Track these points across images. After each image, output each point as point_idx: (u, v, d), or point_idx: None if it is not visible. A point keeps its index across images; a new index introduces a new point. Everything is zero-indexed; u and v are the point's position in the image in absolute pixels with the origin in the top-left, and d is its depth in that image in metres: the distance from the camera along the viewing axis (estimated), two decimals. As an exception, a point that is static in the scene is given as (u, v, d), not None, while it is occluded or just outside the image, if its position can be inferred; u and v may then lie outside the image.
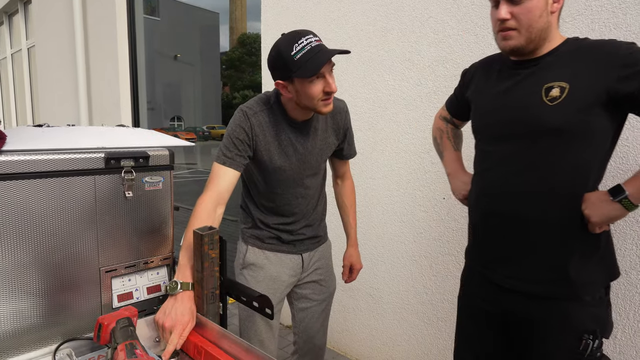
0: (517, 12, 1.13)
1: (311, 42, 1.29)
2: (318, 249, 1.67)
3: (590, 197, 1.13)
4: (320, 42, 1.31)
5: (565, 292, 1.17)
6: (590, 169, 1.15)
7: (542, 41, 1.17)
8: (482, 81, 1.36)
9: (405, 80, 2.19)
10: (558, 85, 1.13)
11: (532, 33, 1.14)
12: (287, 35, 1.31)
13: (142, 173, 1.27)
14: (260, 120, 1.43)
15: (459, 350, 1.46)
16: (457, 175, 1.49)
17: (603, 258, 1.19)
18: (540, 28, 1.14)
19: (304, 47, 1.28)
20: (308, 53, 1.27)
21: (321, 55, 1.28)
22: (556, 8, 1.16)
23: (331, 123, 1.55)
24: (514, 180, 1.20)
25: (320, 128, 1.52)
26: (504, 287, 1.25)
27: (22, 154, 1.06)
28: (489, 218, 1.28)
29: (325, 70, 1.31)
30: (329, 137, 1.56)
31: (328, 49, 1.30)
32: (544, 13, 1.13)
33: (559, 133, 1.12)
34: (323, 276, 1.69)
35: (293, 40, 1.28)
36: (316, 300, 1.68)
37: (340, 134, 1.59)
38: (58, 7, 5.18)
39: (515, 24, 1.15)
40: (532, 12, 1.12)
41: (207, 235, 1.18)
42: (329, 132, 1.55)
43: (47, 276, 1.12)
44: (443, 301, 2.17)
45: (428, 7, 2.07)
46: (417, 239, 2.24)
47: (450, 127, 1.58)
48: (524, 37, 1.15)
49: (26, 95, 7.41)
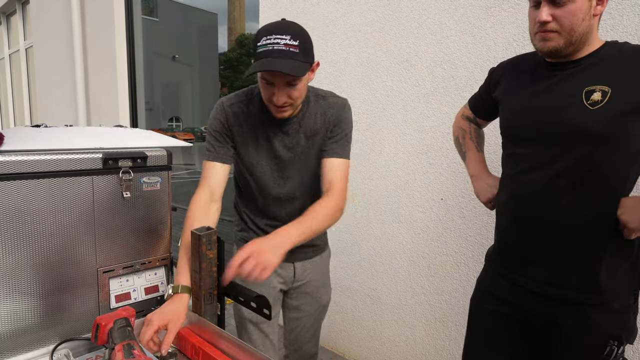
0: (559, 15, 1.09)
1: (276, 43, 1.18)
2: (314, 259, 1.56)
3: (627, 202, 1.11)
4: (286, 48, 1.18)
5: (594, 299, 1.15)
6: (627, 174, 1.12)
7: (582, 44, 1.13)
8: (512, 81, 1.31)
9: (404, 81, 2.20)
10: (600, 88, 1.09)
11: (573, 36, 1.10)
12: (271, 25, 1.23)
13: (139, 173, 1.27)
14: (236, 111, 1.38)
15: (474, 353, 1.42)
16: (481, 177, 1.46)
17: (635, 265, 1.17)
18: (582, 31, 1.10)
19: (267, 45, 1.18)
20: (264, 53, 1.19)
21: (265, 63, 1.18)
22: (599, 11, 1.11)
23: (322, 120, 1.40)
24: (549, 184, 1.16)
25: (309, 126, 1.39)
26: (531, 291, 1.23)
27: (19, 154, 1.06)
28: (519, 221, 1.25)
29: (274, 80, 1.22)
30: (318, 135, 1.41)
31: (280, 61, 1.17)
32: (587, 16, 1.09)
33: (597, 137, 1.09)
34: (316, 288, 1.59)
35: (268, 32, 1.20)
36: (307, 311, 1.60)
37: (329, 131, 1.41)
38: (56, 8, 5.17)
39: (556, 27, 1.10)
40: (576, 15, 1.08)
41: (205, 236, 1.18)
42: (320, 131, 1.40)
43: (44, 277, 1.12)
44: (441, 302, 2.17)
45: (426, 8, 2.08)
46: (415, 240, 2.24)
47: (474, 126, 1.55)
48: (564, 40, 1.11)
49: (24, 95, 7.39)
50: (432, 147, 2.12)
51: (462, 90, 1.99)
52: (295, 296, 1.58)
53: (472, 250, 2.03)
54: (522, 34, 1.78)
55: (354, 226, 2.49)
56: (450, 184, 2.07)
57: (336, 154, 1.39)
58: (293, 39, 1.19)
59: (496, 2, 1.85)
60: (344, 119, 1.42)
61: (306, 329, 1.62)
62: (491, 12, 1.87)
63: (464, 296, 2.08)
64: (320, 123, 1.40)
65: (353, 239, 2.51)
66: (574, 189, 1.13)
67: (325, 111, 1.40)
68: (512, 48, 1.81)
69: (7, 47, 8.17)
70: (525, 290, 1.24)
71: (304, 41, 1.22)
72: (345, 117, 1.42)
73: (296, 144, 1.40)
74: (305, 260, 1.55)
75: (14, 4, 7.22)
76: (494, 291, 1.34)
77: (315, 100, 1.41)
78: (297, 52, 1.19)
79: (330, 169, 1.38)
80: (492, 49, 1.88)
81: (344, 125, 1.42)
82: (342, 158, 1.40)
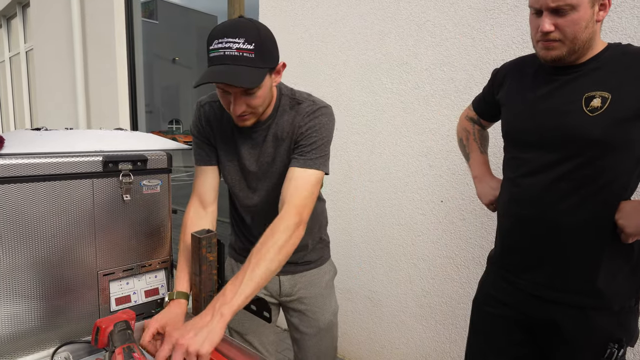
0: (561, 24, 1.07)
1: (228, 48, 1.05)
2: (304, 274, 1.44)
3: (625, 206, 1.10)
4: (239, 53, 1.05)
5: (594, 302, 1.15)
6: (628, 178, 1.12)
7: (585, 50, 1.12)
8: (515, 83, 1.30)
9: (403, 83, 2.20)
10: (600, 94, 1.08)
11: (576, 44, 1.09)
12: (224, 25, 1.09)
13: (140, 176, 1.27)
14: (207, 111, 1.32)
15: (476, 356, 1.42)
16: (484, 179, 1.45)
17: (635, 268, 1.17)
18: (585, 39, 1.09)
19: (218, 50, 1.07)
20: (215, 59, 1.07)
21: (215, 73, 1.06)
22: (602, 17, 1.10)
23: (290, 128, 1.26)
24: (550, 188, 1.16)
25: (277, 134, 1.27)
26: (531, 294, 1.23)
27: (19, 158, 1.06)
28: (520, 225, 1.25)
29: (229, 90, 1.11)
30: (285, 143, 1.27)
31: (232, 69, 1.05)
32: (590, 23, 1.07)
33: (598, 143, 1.08)
34: (310, 307, 1.46)
35: (220, 34, 1.07)
36: (306, 333, 1.48)
37: (296, 139, 1.25)
38: (56, 10, 5.18)
39: (559, 36, 1.09)
40: (578, 24, 1.06)
41: (205, 239, 1.18)
42: (286, 139, 1.26)
43: (44, 279, 1.12)
44: (441, 304, 2.17)
45: (425, 10, 2.08)
46: (416, 242, 2.24)
47: (477, 128, 1.54)
48: (567, 48, 1.10)
49: (24, 98, 7.41)
50: (432, 149, 2.12)
51: (462, 93, 1.99)
52: (291, 313, 1.49)
53: (473, 253, 2.03)
54: (521, 36, 1.78)
55: (354, 228, 2.49)
56: (450, 186, 2.08)
57: (299, 164, 1.21)
58: (247, 42, 1.06)
59: (495, 4, 1.85)
60: (315, 125, 1.23)
61: (311, 350, 1.50)
62: (490, 14, 1.87)
63: (464, 298, 2.08)
64: (288, 130, 1.26)
65: (353, 240, 2.51)
66: (575, 193, 1.13)
67: (294, 117, 1.26)
68: (512, 50, 1.82)
69: (7, 50, 8.18)
70: (526, 294, 1.24)
71: (261, 43, 1.08)
72: (316, 124, 1.24)
73: (262, 152, 1.28)
74: (295, 274, 1.44)
75: (14, 7, 7.24)
76: (495, 294, 1.34)
77: (290, 105, 1.28)
78: (251, 57, 1.06)
79: (289, 180, 1.20)
80: (491, 51, 1.89)
81: (313, 132, 1.23)
82: (305, 168, 1.20)
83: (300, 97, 1.29)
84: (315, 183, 1.21)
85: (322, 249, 1.50)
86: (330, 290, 1.52)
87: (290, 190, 1.17)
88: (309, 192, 1.19)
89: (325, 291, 1.49)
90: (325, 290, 1.49)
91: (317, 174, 1.21)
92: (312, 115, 1.24)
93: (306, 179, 1.19)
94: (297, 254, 1.38)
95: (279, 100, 1.27)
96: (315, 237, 1.46)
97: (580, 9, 1.06)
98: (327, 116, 1.26)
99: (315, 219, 1.42)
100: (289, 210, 1.14)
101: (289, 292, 1.45)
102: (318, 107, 1.26)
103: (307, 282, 1.45)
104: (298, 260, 1.42)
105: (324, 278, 1.49)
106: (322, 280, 1.48)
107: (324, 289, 1.49)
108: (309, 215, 1.18)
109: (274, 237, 1.08)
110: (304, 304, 1.46)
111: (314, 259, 1.46)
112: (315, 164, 1.21)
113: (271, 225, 1.12)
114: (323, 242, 1.50)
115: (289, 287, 1.44)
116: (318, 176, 1.21)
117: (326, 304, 1.49)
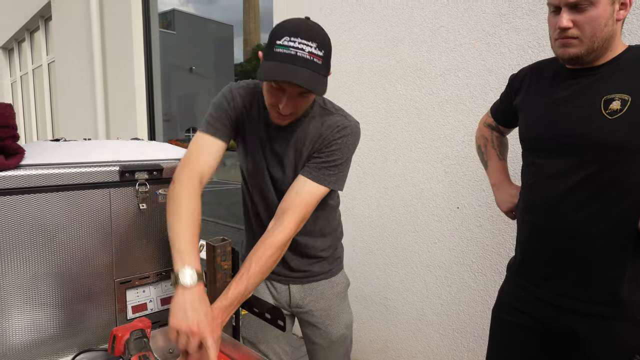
0: (580, 21, 1.05)
1: (301, 49, 1.04)
2: (314, 285, 1.41)
3: None
4: (310, 57, 1.05)
5: (617, 312, 1.12)
6: None
7: (604, 50, 1.09)
8: (532, 88, 1.27)
9: (417, 89, 2.19)
10: (619, 97, 1.05)
11: (594, 43, 1.06)
12: (296, 24, 1.09)
13: (155, 185, 1.29)
14: (242, 95, 1.26)
15: None
16: (502, 186, 1.43)
17: None
18: (604, 37, 1.06)
19: (289, 48, 1.05)
20: (284, 57, 1.05)
21: (286, 71, 1.04)
22: (623, 15, 1.07)
23: (313, 137, 1.24)
24: (568, 195, 1.13)
25: (300, 139, 1.25)
26: (551, 304, 1.20)
27: (39, 168, 1.09)
28: (538, 233, 1.22)
29: (287, 88, 1.09)
30: (304, 152, 1.26)
31: (303, 72, 1.04)
32: (610, 21, 1.05)
33: (618, 148, 1.05)
34: (322, 319, 1.43)
35: (292, 33, 1.06)
36: (318, 344, 1.46)
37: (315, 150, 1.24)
38: (77, 23, 5.32)
39: (577, 33, 1.06)
40: (597, 21, 1.04)
41: (220, 247, 1.19)
42: (306, 148, 1.25)
43: (63, 288, 1.14)
44: (459, 312, 2.13)
45: (439, 16, 2.07)
46: (432, 249, 2.21)
47: (496, 134, 1.52)
48: (586, 47, 1.07)
49: (46, 109, 7.60)
50: (448, 155, 2.10)
51: (477, 98, 1.97)
52: (303, 324, 1.47)
53: (490, 260, 2.00)
54: (536, 40, 1.76)
55: (369, 235, 2.48)
56: (467, 193, 2.05)
57: (311, 176, 1.20)
58: (319, 49, 1.06)
59: (510, 9, 1.84)
60: (341, 143, 1.22)
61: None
62: (505, 19, 1.85)
63: (482, 306, 2.04)
64: (310, 139, 1.24)
65: (368, 247, 2.49)
66: (594, 200, 1.10)
67: (321, 125, 1.24)
68: (527, 55, 1.79)
69: (30, 62, 8.43)
70: (546, 303, 1.21)
71: (328, 51, 1.11)
72: (342, 143, 1.23)
73: (286, 153, 1.27)
74: (305, 284, 1.41)
75: (37, 21, 7.46)
76: (514, 302, 1.31)
77: (320, 113, 1.27)
78: (320, 64, 1.07)
79: (296, 190, 1.19)
80: (506, 56, 1.87)
81: (337, 150, 1.22)
82: (317, 183, 1.20)
83: (332, 108, 1.29)
84: (319, 198, 1.22)
85: (334, 261, 1.46)
86: (342, 302, 1.48)
87: (297, 201, 1.18)
88: (312, 207, 1.21)
89: (337, 303, 1.46)
90: (336, 302, 1.46)
91: (325, 190, 1.22)
92: (341, 132, 1.23)
93: (313, 194, 1.20)
94: (306, 261, 1.39)
95: (312, 105, 1.26)
96: (328, 246, 1.43)
97: (600, 6, 1.03)
98: (354, 136, 1.26)
99: (328, 228, 1.42)
100: (290, 222, 1.16)
101: (299, 304, 1.43)
102: (349, 124, 1.25)
103: (317, 294, 1.42)
104: (308, 268, 1.40)
105: (335, 290, 1.45)
106: (333, 292, 1.45)
107: (336, 301, 1.45)
108: (302, 225, 1.21)
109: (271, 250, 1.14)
110: (314, 316, 1.43)
111: (325, 270, 1.43)
112: (327, 181, 1.22)
113: (264, 234, 1.16)
114: (336, 252, 1.47)
115: (299, 298, 1.42)
116: (325, 192, 1.23)
117: (338, 316, 1.46)
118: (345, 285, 1.51)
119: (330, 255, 1.44)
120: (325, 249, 1.42)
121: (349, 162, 1.28)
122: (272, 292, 1.43)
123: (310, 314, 1.43)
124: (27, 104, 9.04)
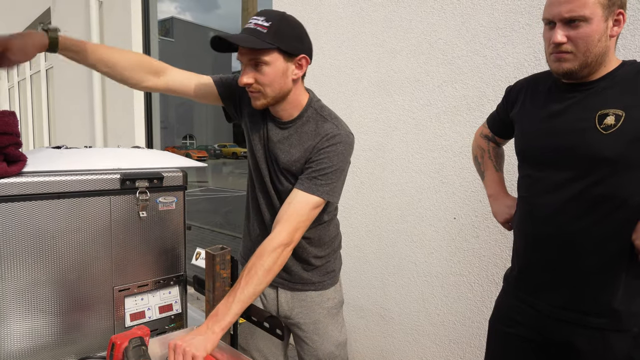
0: (574, 36, 1.08)
1: (249, 23, 1.16)
2: (302, 295, 1.39)
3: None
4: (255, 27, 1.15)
5: (613, 324, 1.13)
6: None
7: (598, 66, 1.11)
8: (528, 101, 1.29)
9: (415, 100, 2.21)
10: (613, 112, 1.07)
11: (588, 58, 1.09)
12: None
13: (156, 193, 1.30)
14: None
15: None
16: (499, 198, 1.45)
17: None
18: (597, 53, 1.08)
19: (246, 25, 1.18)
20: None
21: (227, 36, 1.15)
22: (616, 32, 1.10)
23: (305, 145, 1.27)
24: (563, 208, 1.15)
25: (303, 139, 1.28)
26: (547, 315, 1.21)
27: (41, 175, 1.10)
28: (534, 244, 1.24)
29: (241, 59, 1.19)
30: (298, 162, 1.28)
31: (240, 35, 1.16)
32: (603, 37, 1.07)
33: (612, 163, 1.07)
34: (309, 334, 1.40)
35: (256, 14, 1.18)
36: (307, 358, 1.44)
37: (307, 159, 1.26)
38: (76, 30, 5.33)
39: (571, 48, 1.09)
40: (591, 37, 1.06)
41: (219, 256, 1.19)
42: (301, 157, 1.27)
43: (62, 295, 1.14)
44: (455, 323, 2.14)
45: (437, 29, 2.10)
46: (428, 259, 2.22)
47: (492, 145, 1.54)
48: (580, 62, 1.09)
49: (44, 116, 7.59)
50: (445, 166, 2.12)
51: (474, 110, 2.00)
52: (294, 339, 1.45)
53: (487, 271, 2.01)
54: (533, 54, 1.79)
55: (366, 245, 2.49)
56: (463, 203, 2.07)
57: (303, 187, 1.22)
58: (266, 21, 1.15)
59: (507, 23, 1.87)
60: (330, 152, 1.23)
61: None
62: (502, 32, 1.89)
63: (478, 317, 2.05)
64: (303, 148, 1.27)
65: (365, 257, 2.50)
66: (589, 212, 1.11)
67: (314, 136, 1.26)
68: (524, 68, 1.82)
69: (28, 68, 8.42)
70: (542, 314, 1.22)
71: (280, 26, 1.16)
72: (332, 151, 1.23)
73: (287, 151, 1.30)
74: (293, 292, 1.40)
75: (36, 28, 7.48)
76: (510, 313, 1.32)
77: (315, 118, 1.29)
78: (263, 32, 1.14)
79: (289, 201, 1.23)
80: (503, 69, 1.89)
81: (326, 158, 1.23)
82: (309, 193, 1.22)
83: (328, 116, 1.30)
84: (313, 208, 1.23)
85: (327, 273, 1.43)
86: (333, 319, 1.43)
87: (289, 211, 1.21)
88: (306, 217, 1.22)
89: (327, 319, 1.41)
90: (326, 318, 1.41)
91: (318, 200, 1.23)
92: (330, 141, 1.24)
93: (305, 204, 1.22)
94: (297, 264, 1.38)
95: (307, 108, 1.30)
96: (322, 255, 1.41)
97: (593, 22, 1.06)
98: (345, 145, 1.26)
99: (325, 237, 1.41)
100: (281, 231, 1.18)
101: (287, 314, 1.41)
102: (338, 134, 1.25)
103: (305, 305, 1.40)
104: (297, 272, 1.38)
105: (325, 305, 1.41)
106: (323, 306, 1.41)
107: (326, 316, 1.41)
108: (300, 237, 1.23)
109: (262, 259, 1.15)
110: (303, 330, 1.41)
111: (315, 281, 1.40)
112: (319, 191, 1.22)
113: (262, 244, 1.17)
114: (329, 265, 1.44)
115: (287, 308, 1.40)
116: (318, 202, 1.23)
117: (327, 334, 1.41)
118: (338, 302, 1.47)
119: (322, 266, 1.41)
120: (320, 257, 1.40)
121: (341, 172, 1.26)
122: (261, 298, 1.43)
123: (299, 327, 1.41)
124: (24, 110, 9.02)
